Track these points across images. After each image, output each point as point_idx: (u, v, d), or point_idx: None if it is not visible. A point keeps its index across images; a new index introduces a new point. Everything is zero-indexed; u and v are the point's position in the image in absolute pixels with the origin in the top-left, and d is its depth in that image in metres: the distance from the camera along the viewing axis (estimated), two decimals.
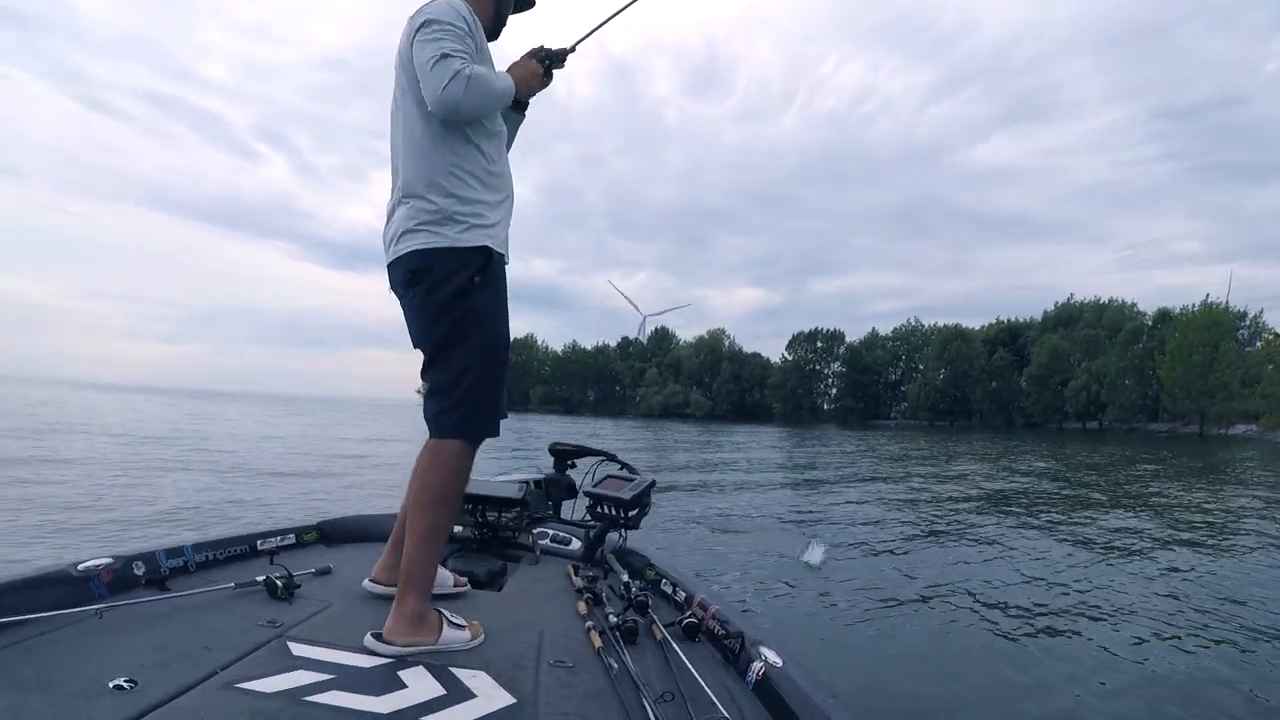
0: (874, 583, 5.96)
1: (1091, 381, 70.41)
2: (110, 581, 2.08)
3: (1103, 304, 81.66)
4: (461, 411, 2.08)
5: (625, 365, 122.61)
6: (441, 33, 2.01)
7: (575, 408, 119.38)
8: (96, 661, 1.61)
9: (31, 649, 1.65)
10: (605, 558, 3.05)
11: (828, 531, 8.37)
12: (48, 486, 9.18)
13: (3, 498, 8.17)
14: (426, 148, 2.08)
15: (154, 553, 2.28)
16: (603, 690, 1.73)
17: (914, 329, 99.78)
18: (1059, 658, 4.24)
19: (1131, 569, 6.72)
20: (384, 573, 2.36)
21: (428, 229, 2.05)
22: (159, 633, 1.82)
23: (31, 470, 10.58)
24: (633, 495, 2.97)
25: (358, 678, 1.67)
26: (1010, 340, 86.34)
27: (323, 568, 2.53)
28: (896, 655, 4.22)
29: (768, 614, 4.95)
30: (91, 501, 8.35)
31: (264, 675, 1.61)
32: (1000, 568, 6.64)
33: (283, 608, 2.11)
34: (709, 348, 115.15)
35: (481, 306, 2.09)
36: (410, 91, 2.09)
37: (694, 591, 2.46)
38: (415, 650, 1.88)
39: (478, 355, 2.10)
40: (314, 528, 3.01)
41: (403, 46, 2.12)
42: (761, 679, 1.79)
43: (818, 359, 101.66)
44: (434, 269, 2.05)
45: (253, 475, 11.97)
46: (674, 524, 8.65)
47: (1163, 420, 66.55)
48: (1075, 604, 5.44)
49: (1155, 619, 5.04)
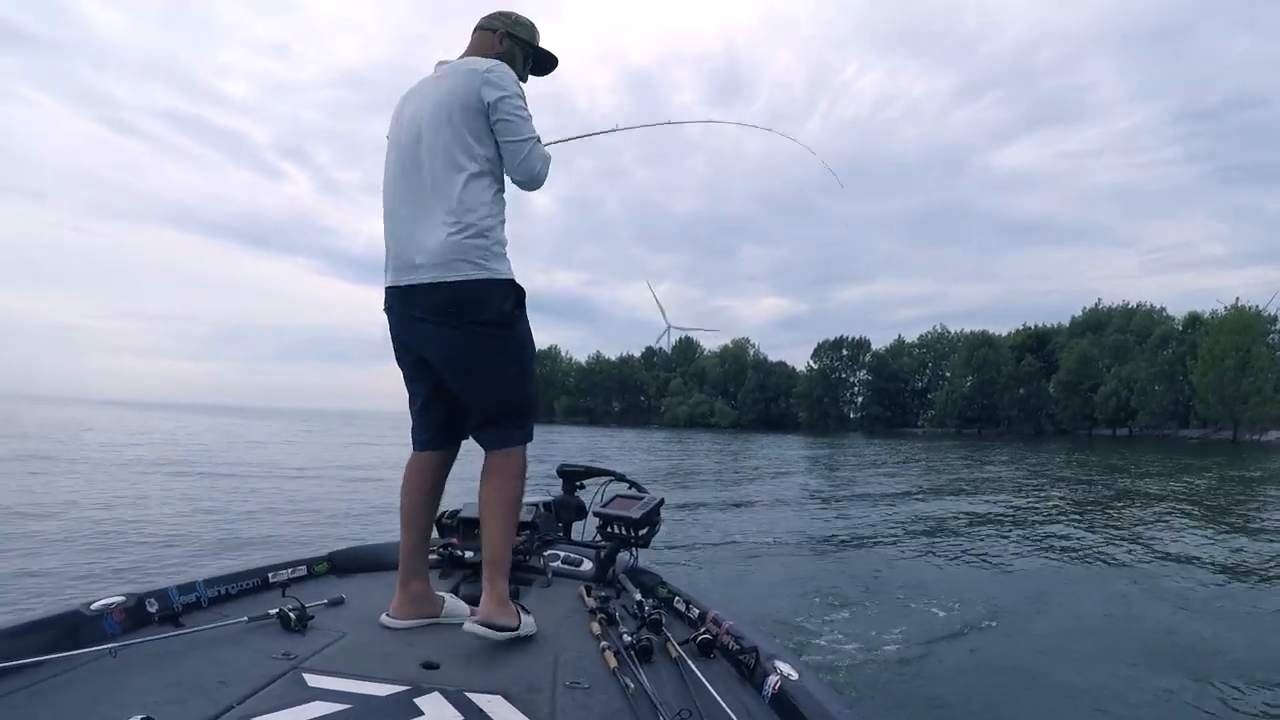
0: (892, 594, 5.98)
1: (1121, 387, 69.52)
2: (123, 620, 2.09)
3: (1131, 309, 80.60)
4: (517, 426, 2.36)
5: (650, 375, 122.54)
6: (525, 110, 2.32)
7: (600, 419, 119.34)
8: (111, 701, 1.62)
9: (45, 692, 1.66)
10: (617, 577, 3.05)
11: (852, 545, 8.40)
12: (63, 521, 9.10)
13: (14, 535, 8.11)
14: (474, 184, 2.28)
15: (166, 589, 2.30)
16: (619, 710, 1.74)
17: (940, 336, 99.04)
18: (1091, 685, 4.13)
19: (1182, 587, 6.47)
20: (402, 610, 2.40)
21: (476, 263, 2.22)
22: (174, 669, 1.83)
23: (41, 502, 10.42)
24: (642, 514, 3.01)
25: (374, 707, 1.67)
26: (1038, 346, 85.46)
27: (335, 598, 2.54)
28: (915, 668, 4.23)
29: (782, 628, 4.94)
30: (105, 535, 8.31)
31: (280, 708, 1.61)
32: (1034, 583, 6.54)
33: (297, 640, 2.12)
34: (733, 357, 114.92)
35: (523, 333, 2.36)
36: (464, 125, 2.29)
37: (707, 608, 2.48)
38: (508, 635, 2.13)
39: (524, 375, 2.38)
40: (325, 558, 3.02)
41: (456, 86, 2.30)
42: (778, 693, 1.79)
43: (843, 367, 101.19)
44: (479, 303, 2.23)
45: (270, 501, 11.92)
46: (702, 546, 8.50)
47: (1194, 426, 65.70)
48: (1116, 625, 5.29)
49: (1202, 639, 4.85)
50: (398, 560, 2.49)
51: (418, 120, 2.35)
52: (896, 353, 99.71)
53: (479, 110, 2.28)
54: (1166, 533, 9.71)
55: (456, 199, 2.25)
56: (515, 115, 2.29)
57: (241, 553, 7.71)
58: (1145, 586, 6.60)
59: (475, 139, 2.28)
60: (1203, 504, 13.28)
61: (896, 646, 4.60)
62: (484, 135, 2.30)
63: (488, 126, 2.30)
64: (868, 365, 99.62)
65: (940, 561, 7.50)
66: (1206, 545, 8.73)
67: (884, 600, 5.87)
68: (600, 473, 3.84)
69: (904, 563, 7.37)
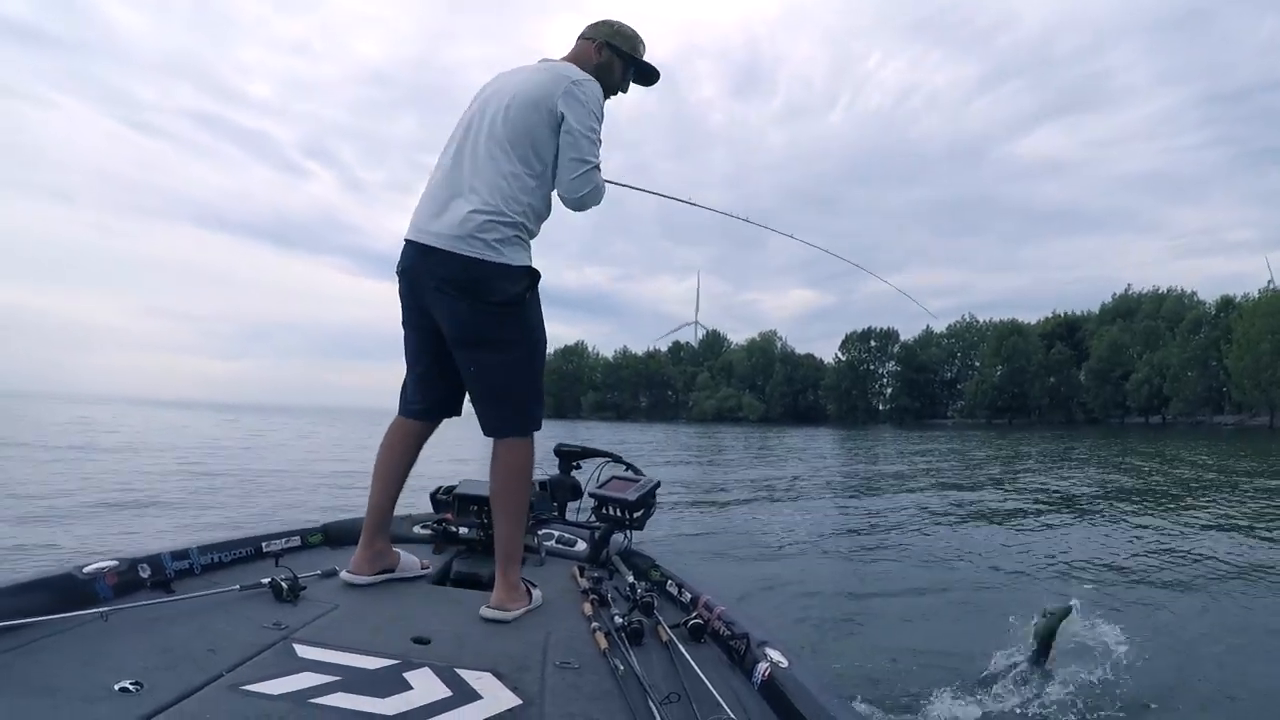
0: (888, 583, 5.98)
1: (1153, 374, 68.83)
2: (115, 584, 2.09)
3: (1161, 294, 79.39)
4: (519, 412, 2.36)
5: (677, 370, 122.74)
6: (595, 133, 2.34)
7: (627, 414, 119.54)
8: (102, 665, 1.61)
9: (36, 652, 1.66)
10: (610, 559, 3.07)
11: (868, 539, 8.19)
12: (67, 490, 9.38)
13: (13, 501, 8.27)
14: (519, 183, 2.29)
15: (159, 555, 2.30)
16: (609, 691, 1.74)
17: (969, 325, 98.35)
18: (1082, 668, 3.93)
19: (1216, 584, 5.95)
20: (362, 566, 2.48)
21: (491, 244, 2.23)
22: (164, 635, 1.83)
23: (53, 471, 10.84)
24: (638, 496, 3.00)
25: (364, 679, 1.68)
26: (1068, 334, 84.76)
27: (328, 569, 2.53)
28: (906, 655, 4.20)
29: (774, 615, 4.90)
30: (101, 503, 8.55)
31: (270, 677, 1.62)
32: (1037, 570, 6.43)
33: (288, 610, 2.12)
34: (761, 350, 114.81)
35: (531, 318, 2.35)
36: (532, 123, 2.30)
37: (699, 592, 2.48)
38: (522, 612, 2.25)
39: (529, 362, 2.36)
40: (319, 529, 3.03)
41: (541, 82, 2.33)
42: (768, 679, 1.80)
43: (871, 358, 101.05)
44: (487, 282, 2.25)
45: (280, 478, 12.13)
46: (714, 536, 8.24)
47: (1228, 412, 64.98)
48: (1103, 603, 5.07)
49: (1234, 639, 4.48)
50: (392, 533, 2.59)
51: (494, 99, 2.38)
52: (925, 343, 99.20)
53: (551, 115, 2.29)
54: (1223, 532, 8.62)
55: (498, 186, 2.27)
56: (583, 135, 2.31)
57: (237, 522, 7.71)
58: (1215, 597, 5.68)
59: (539, 139, 2.30)
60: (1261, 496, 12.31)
61: (895, 640, 4.51)
62: (548, 139, 2.31)
63: (552, 133, 2.31)
64: (896, 356, 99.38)
65: (965, 557, 7.28)
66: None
67: (888, 594, 5.73)
68: (597, 454, 3.86)
69: (919, 558, 7.26)
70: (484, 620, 2.19)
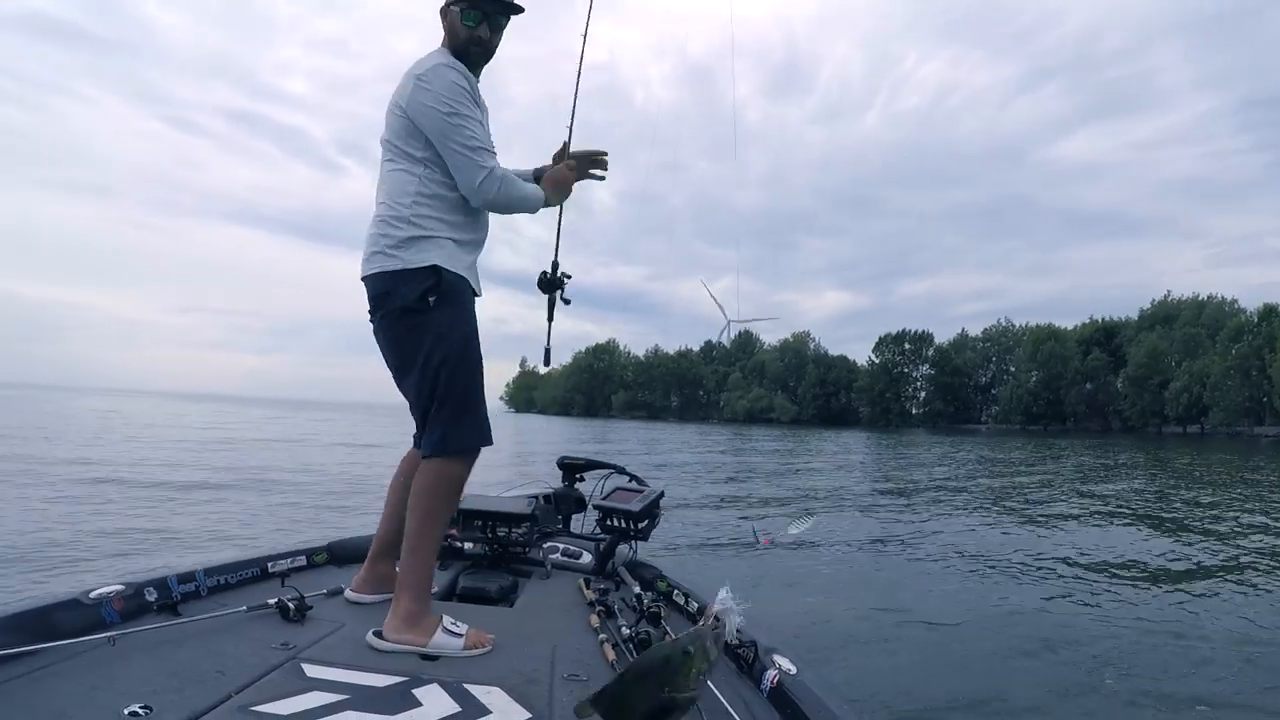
0: (894, 592, 5.97)
1: (1193, 383, 67.97)
2: (122, 609, 2.08)
3: (1201, 301, 78.45)
4: (440, 428, 2.16)
5: (709, 370, 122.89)
6: (462, 117, 2.14)
7: (658, 413, 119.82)
8: (110, 689, 1.61)
9: (45, 678, 1.66)
10: (617, 570, 3.04)
11: (890, 547, 8.16)
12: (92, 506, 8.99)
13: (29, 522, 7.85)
14: (399, 177, 2.21)
15: (165, 578, 2.29)
16: None
17: (1005, 329, 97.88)
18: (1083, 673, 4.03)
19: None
20: (363, 586, 2.47)
21: (386, 253, 2.15)
22: (172, 658, 1.82)
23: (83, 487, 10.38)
24: (642, 507, 2.99)
25: (372, 697, 1.68)
26: (1105, 340, 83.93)
27: (334, 588, 2.53)
28: (914, 664, 4.20)
29: (782, 623, 4.86)
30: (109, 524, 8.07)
31: (279, 698, 1.62)
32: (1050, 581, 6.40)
33: (295, 629, 2.12)
34: (794, 350, 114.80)
35: (441, 322, 2.15)
36: (401, 125, 2.21)
37: (706, 602, 2.45)
38: (406, 649, 2.00)
39: (442, 373, 2.15)
40: (324, 548, 3.02)
41: (399, 88, 2.23)
42: (776, 687, 1.80)
43: (905, 361, 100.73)
44: (391, 292, 2.16)
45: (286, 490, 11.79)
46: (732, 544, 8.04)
47: (1269, 423, 63.95)
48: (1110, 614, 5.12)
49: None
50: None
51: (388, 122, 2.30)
52: (960, 346, 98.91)
53: (409, 120, 2.20)
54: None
55: (388, 187, 2.22)
56: (443, 131, 2.15)
57: (240, 543, 7.45)
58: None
59: (410, 135, 2.20)
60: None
61: (906, 649, 4.50)
62: (416, 132, 2.20)
63: (419, 134, 2.20)
64: (930, 359, 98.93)
65: (989, 562, 7.19)
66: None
67: (902, 602, 5.69)
68: (601, 465, 3.84)
69: (939, 566, 7.18)
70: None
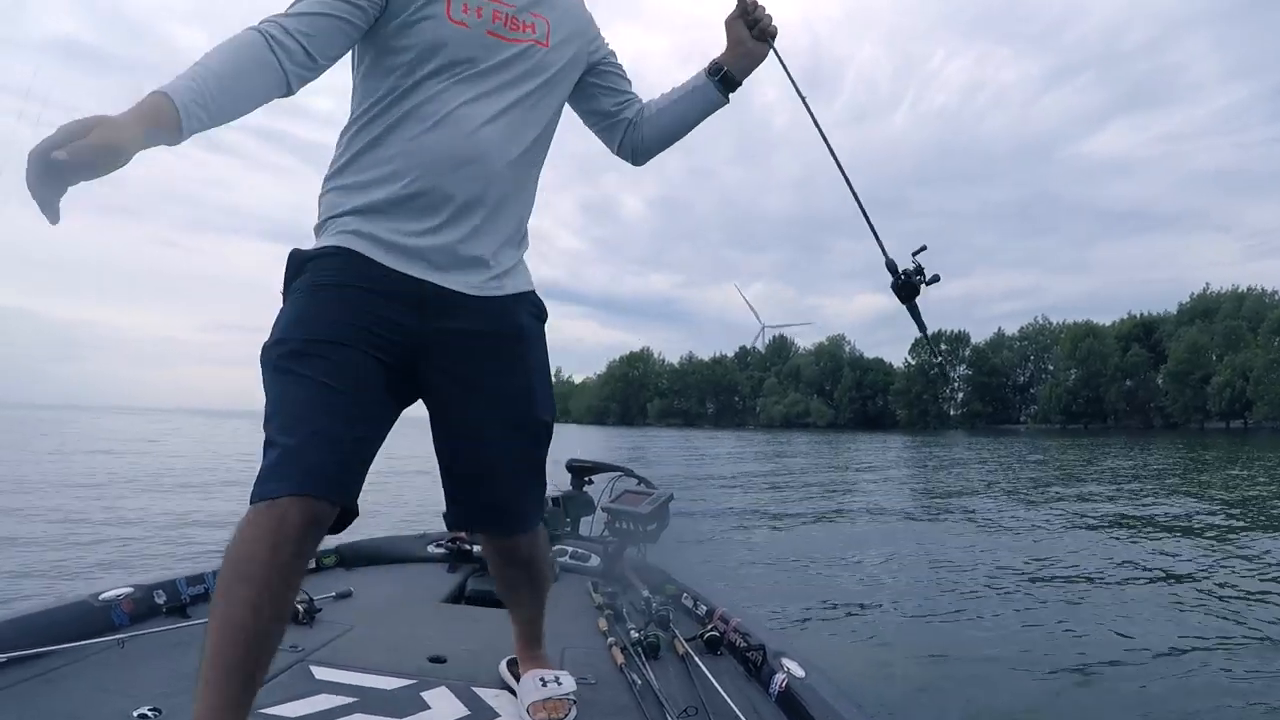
0: (906, 591, 5.89)
1: (1236, 377, 67.04)
2: (131, 611, 2.08)
3: (1241, 293, 77.06)
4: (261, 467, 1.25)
5: (744, 375, 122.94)
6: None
7: (694, 420, 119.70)
8: (119, 691, 1.61)
9: (54, 681, 1.65)
10: (625, 573, 3.04)
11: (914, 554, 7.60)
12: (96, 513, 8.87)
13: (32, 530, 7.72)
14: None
15: (174, 580, 2.29)
16: (626, 706, 1.74)
17: (1042, 328, 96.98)
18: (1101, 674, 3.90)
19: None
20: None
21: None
22: (181, 661, 1.78)
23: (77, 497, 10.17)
24: (650, 510, 3.00)
25: (382, 700, 1.67)
26: (1144, 336, 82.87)
27: (343, 591, 2.53)
28: (924, 666, 4.13)
29: (791, 626, 4.81)
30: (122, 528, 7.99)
31: (287, 700, 1.61)
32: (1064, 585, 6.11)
33: (304, 632, 2.11)
34: (829, 354, 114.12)
35: (280, 315, 1.41)
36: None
37: (715, 605, 2.47)
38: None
39: (265, 370, 1.33)
40: (333, 551, 3.01)
41: None
42: (785, 690, 1.78)
43: (943, 362, 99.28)
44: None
45: None
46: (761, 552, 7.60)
47: None
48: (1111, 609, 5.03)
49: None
50: (404, 554, 2.60)
51: None
52: (997, 346, 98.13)
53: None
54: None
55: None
56: None
57: None
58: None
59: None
60: None
61: (919, 651, 4.36)
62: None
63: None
64: (967, 360, 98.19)
65: (1019, 572, 6.75)
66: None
67: (921, 608, 5.44)
68: (610, 468, 3.84)
69: (931, 560, 7.08)
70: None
